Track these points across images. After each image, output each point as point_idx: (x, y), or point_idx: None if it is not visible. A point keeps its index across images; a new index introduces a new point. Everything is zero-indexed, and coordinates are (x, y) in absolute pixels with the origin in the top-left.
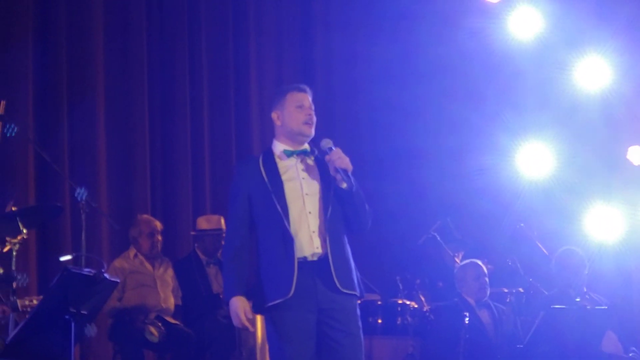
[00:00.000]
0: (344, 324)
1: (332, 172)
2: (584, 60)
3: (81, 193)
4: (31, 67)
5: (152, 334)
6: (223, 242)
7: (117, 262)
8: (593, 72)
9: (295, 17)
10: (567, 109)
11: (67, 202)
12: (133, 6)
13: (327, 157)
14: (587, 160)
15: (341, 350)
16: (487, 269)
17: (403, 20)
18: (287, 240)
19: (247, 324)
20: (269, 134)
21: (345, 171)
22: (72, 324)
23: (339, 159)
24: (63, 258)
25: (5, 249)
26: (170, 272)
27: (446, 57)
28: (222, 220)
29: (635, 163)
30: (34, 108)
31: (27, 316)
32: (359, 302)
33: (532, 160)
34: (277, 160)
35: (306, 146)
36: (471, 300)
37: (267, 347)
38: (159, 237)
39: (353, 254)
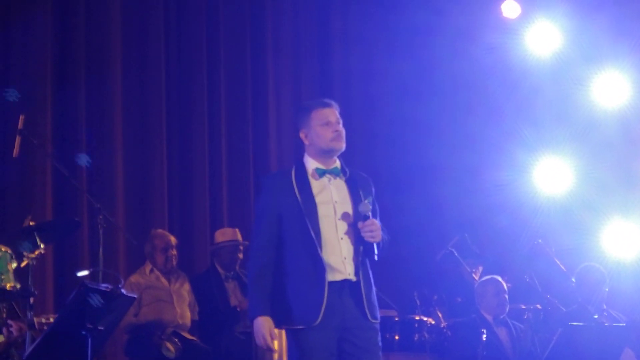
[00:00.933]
0: (366, 346)
1: (361, 230)
2: (601, 76)
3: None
4: (50, 92)
5: (168, 349)
6: (241, 255)
7: (133, 278)
8: (611, 88)
9: (312, 34)
10: (585, 124)
11: (85, 217)
12: (151, 33)
13: (359, 224)
14: (605, 176)
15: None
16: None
17: (420, 35)
18: (317, 266)
19: (270, 345)
20: (286, 150)
21: (371, 238)
22: (89, 340)
23: (370, 234)
24: (80, 273)
25: (23, 264)
26: (186, 286)
27: (463, 72)
28: (238, 232)
29: None
30: (52, 126)
31: (45, 329)
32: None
33: (549, 176)
34: (310, 178)
35: (337, 164)
36: (489, 317)
37: None
38: (174, 252)
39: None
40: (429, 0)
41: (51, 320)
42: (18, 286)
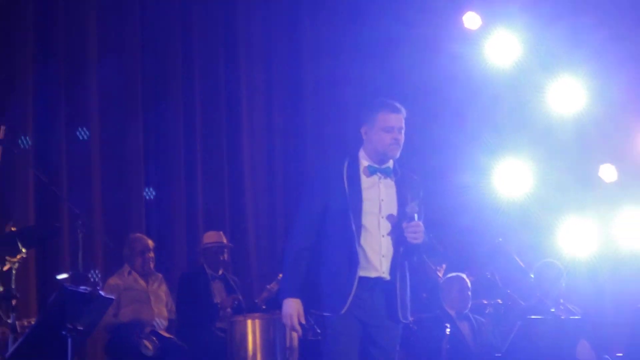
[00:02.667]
0: (387, 342)
1: (405, 232)
2: (558, 84)
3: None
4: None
5: (147, 347)
6: (225, 256)
7: (112, 280)
8: (567, 95)
9: (284, 42)
10: (543, 129)
11: (65, 223)
12: (127, 43)
13: (404, 224)
14: (562, 177)
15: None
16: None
17: (387, 44)
18: (352, 259)
19: (297, 326)
20: (258, 153)
21: (414, 240)
22: (69, 340)
23: (412, 235)
24: (60, 276)
25: (5, 268)
26: (163, 287)
27: (428, 80)
28: (223, 235)
29: (607, 180)
30: (33, 133)
31: (26, 331)
32: None
33: (509, 178)
34: (361, 174)
35: (390, 163)
36: (452, 312)
37: (258, 357)
38: (152, 254)
39: None
40: (396, 11)
41: (32, 322)
42: (1, 289)
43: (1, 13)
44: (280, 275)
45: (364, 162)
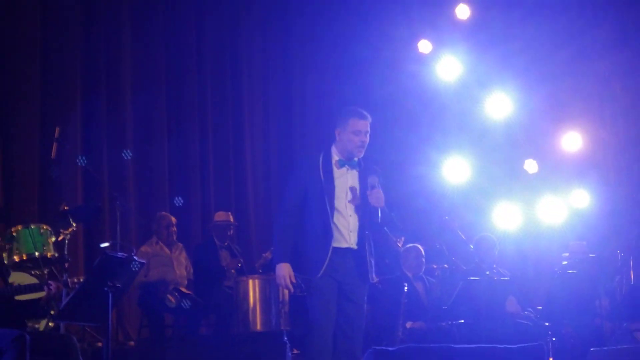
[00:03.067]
0: (358, 297)
1: (369, 197)
2: (491, 96)
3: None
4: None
5: (170, 301)
6: (231, 232)
7: (143, 248)
8: (498, 105)
9: (278, 67)
10: (479, 132)
11: (105, 203)
12: (155, 65)
13: (368, 192)
14: (494, 170)
15: (352, 314)
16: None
17: (358, 65)
18: (327, 233)
19: (289, 285)
20: (258, 150)
21: (377, 204)
22: (110, 294)
23: (375, 199)
24: (103, 245)
25: (60, 238)
26: (183, 254)
27: (391, 93)
28: (230, 215)
29: (530, 172)
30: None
31: (75, 287)
32: None
33: (453, 170)
34: (333, 166)
35: (355, 159)
36: (410, 274)
37: (258, 309)
38: (174, 229)
39: None
40: (366, 40)
41: (81, 280)
42: (56, 255)
43: (54, 54)
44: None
45: (335, 157)
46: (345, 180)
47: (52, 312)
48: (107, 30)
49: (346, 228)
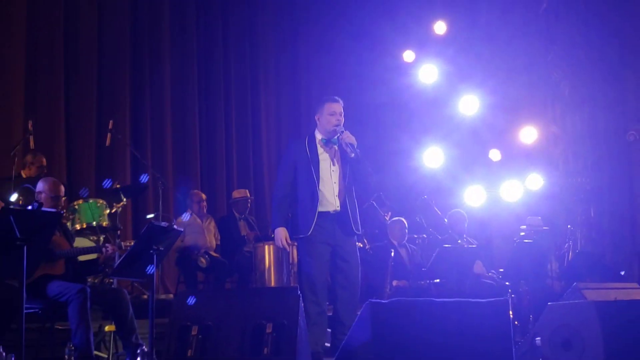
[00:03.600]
0: (350, 254)
1: (344, 146)
2: (462, 98)
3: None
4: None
5: (202, 262)
6: (249, 205)
7: (180, 219)
8: (468, 106)
9: (289, 73)
10: (452, 126)
11: (150, 182)
12: (187, 72)
13: (340, 137)
14: (464, 157)
15: (347, 269)
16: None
17: (356, 73)
18: (314, 198)
19: (286, 245)
20: (270, 142)
21: (352, 145)
22: (154, 256)
23: (347, 137)
24: (149, 216)
25: (113, 210)
26: (212, 224)
27: (381, 95)
28: (247, 192)
29: (494, 160)
30: (129, 126)
31: (126, 250)
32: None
33: (431, 158)
34: (317, 144)
35: (335, 137)
36: (395, 242)
37: (272, 270)
38: (204, 204)
39: None
40: (361, 50)
41: (131, 244)
42: (110, 224)
43: (108, 56)
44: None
45: (319, 137)
46: (327, 156)
47: (107, 270)
48: (150, 36)
49: (331, 193)
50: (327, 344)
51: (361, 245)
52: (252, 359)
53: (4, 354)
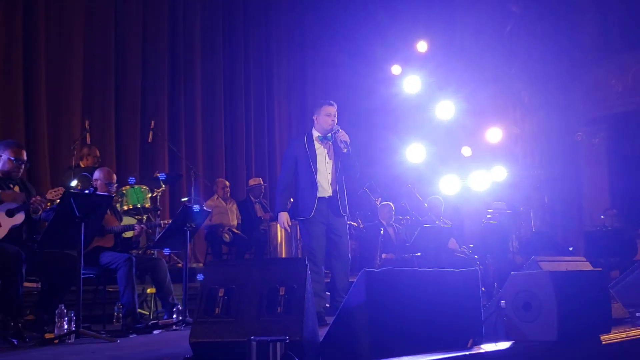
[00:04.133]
0: (341, 231)
1: (338, 142)
2: (440, 104)
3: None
4: (166, 105)
5: (226, 237)
6: (262, 191)
7: (208, 202)
8: (446, 110)
9: (297, 83)
10: (432, 128)
11: (184, 171)
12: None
13: (336, 135)
14: (441, 153)
15: (339, 243)
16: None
17: (351, 84)
18: (313, 186)
19: (287, 227)
20: (281, 141)
21: (345, 142)
22: (188, 232)
23: (342, 135)
24: (183, 199)
25: (154, 195)
26: (235, 206)
27: (373, 102)
28: (261, 180)
29: (465, 155)
30: (168, 124)
31: (165, 227)
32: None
33: (414, 153)
34: (314, 140)
35: (329, 135)
36: (384, 222)
37: (283, 244)
38: (228, 190)
39: None
40: (355, 64)
41: (168, 222)
42: (152, 206)
43: (150, 61)
44: (291, 199)
45: (315, 134)
46: (323, 150)
47: (147, 244)
48: (185, 52)
49: (326, 182)
50: (327, 305)
51: (356, 225)
52: (267, 316)
53: (65, 310)
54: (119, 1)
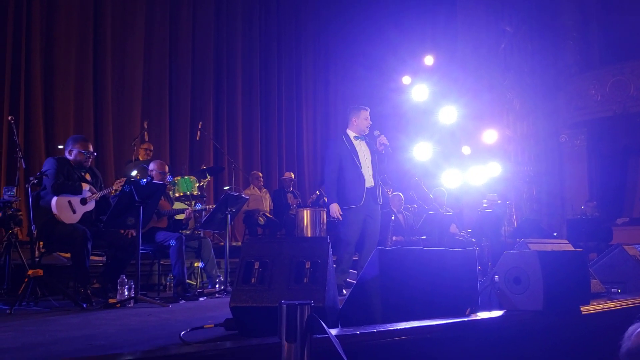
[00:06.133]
0: (376, 215)
1: (377, 145)
2: (444, 109)
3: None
4: (212, 108)
5: (260, 220)
6: (292, 183)
7: (246, 191)
8: (449, 115)
9: (322, 93)
10: (437, 130)
11: (226, 165)
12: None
13: (378, 138)
14: (445, 152)
15: (372, 225)
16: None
17: (367, 92)
18: (361, 178)
19: (338, 216)
20: (311, 142)
21: (385, 145)
22: (228, 215)
23: (383, 139)
24: (225, 188)
25: (201, 184)
26: (268, 195)
27: (386, 108)
28: (292, 174)
29: (465, 154)
30: (213, 126)
31: (210, 211)
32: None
33: (421, 151)
34: (352, 139)
35: (362, 135)
36: (395, 210)
37: (309, 227)
38: (262, 181)
39: None
40: (370, 78)
41: (213, 207)
42: (199, 193)
43: (199, 67)
44: (317, 192)
45: (352, 134)
46: (361, 147)
47: (195, 225)
48: (228, 63)
49: (369, 175)
50: (349, 280)
51: None
52: (295, 285)
53: (125, 280)
54: (173, 21)
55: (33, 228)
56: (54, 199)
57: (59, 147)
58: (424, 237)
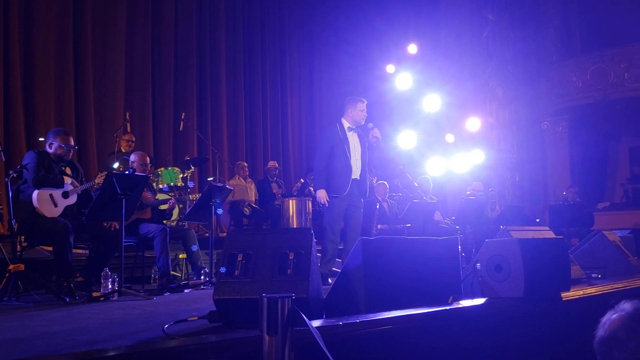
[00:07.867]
0: (359, 206)
1: (370, 137)
2: (427, 97)
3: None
4: (195, 98)
5: (246, 211)
6: (276, 172)
7: (230, 181)
8: (432, 103)
9: (307, 81)
10: (421, 118)
11: (210, 156)
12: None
13: (372, 131)
14: (428, 140)
15: (355, 215)
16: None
17: (352, 80)
18: (348, 169)
19: (325, 202)
20: (297, 131)
21: (378, 138)
22: (213, 207)
23: (376, 132)
24: (209, 179)
25: (184, 175)
26: (253, 185)
27: (371, 96)
28: (276, 163)
29: (449, 142)
30: (196, 115)
31: (195, 202)
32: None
33: (405, 140)
34: (345, 130)
35: (355, 127)
36: (379, 198)
37: (294, 217)
38: (247, 171)
39: None
40: (354, 66)
41: (196, 198)
42: (183, 184)
43: (182, 66)
44: (302, 180)
45: (346, 125)
46: (353, 138)
47: (179, 217)
48: (211, 54)
49: (356, 166)
50: (335, 269)
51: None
52: (279, 277)
53: (109, 273)
54: (156, 10)
55: (14, 222)
56: (35, 193)
57: (40, 139)
58: (409, 225)
